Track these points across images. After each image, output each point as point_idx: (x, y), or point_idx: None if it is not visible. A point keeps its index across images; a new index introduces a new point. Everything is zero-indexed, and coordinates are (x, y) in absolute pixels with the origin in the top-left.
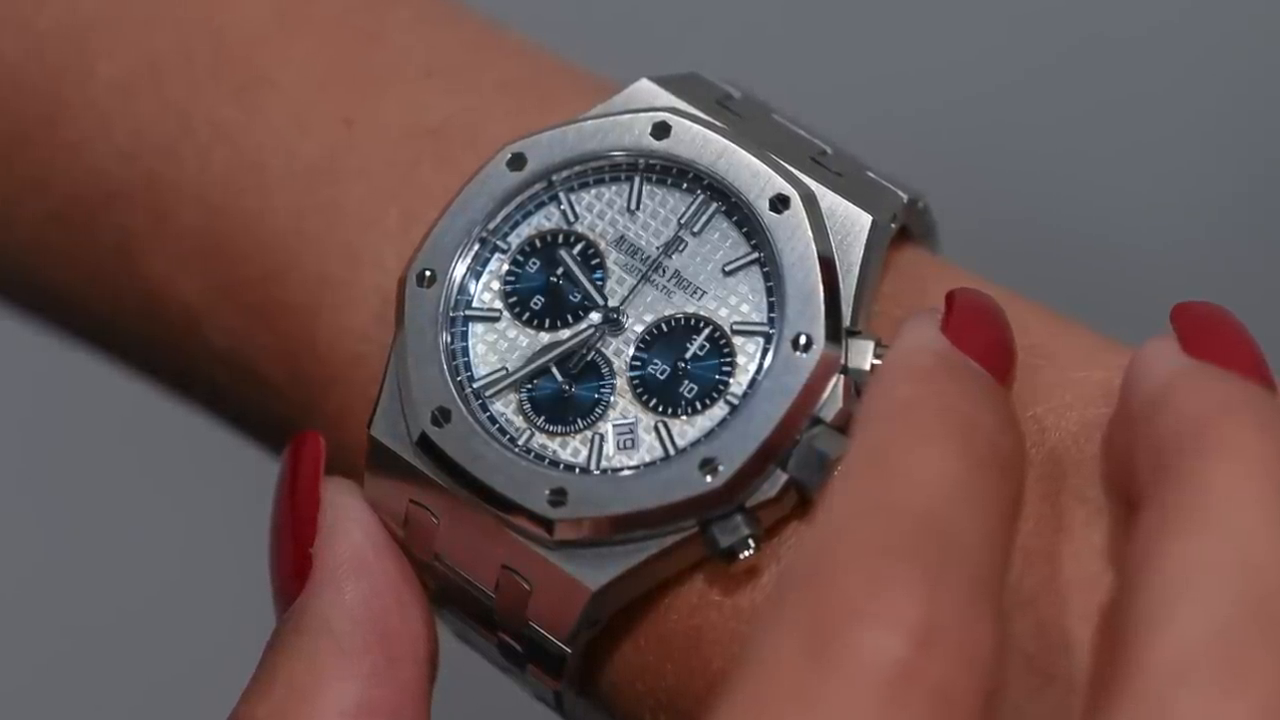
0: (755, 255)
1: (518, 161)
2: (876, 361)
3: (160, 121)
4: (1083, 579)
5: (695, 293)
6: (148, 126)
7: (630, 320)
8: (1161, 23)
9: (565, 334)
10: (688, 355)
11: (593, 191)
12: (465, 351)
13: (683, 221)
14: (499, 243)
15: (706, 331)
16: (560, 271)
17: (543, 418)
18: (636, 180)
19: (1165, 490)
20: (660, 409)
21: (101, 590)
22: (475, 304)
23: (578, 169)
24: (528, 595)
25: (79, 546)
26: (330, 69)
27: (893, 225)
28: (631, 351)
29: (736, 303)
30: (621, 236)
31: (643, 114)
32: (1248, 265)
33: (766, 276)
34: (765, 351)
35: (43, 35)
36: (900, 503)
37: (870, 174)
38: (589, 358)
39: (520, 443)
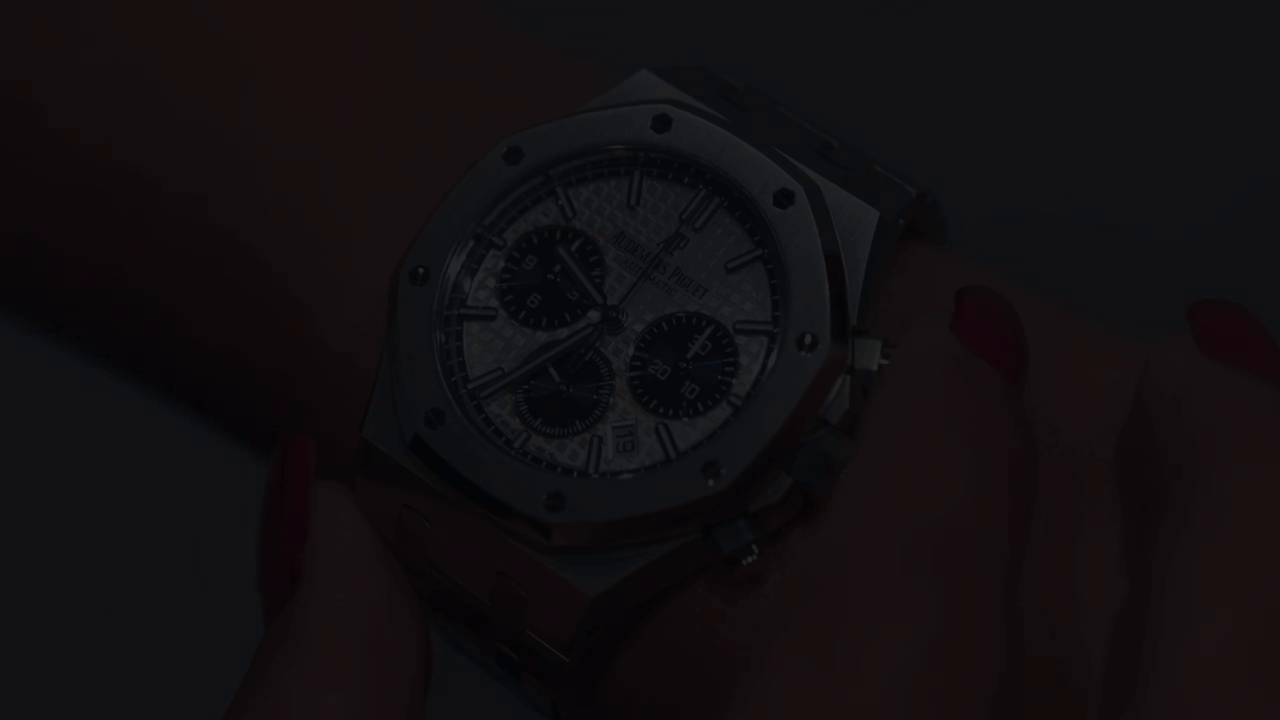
0: (759, 252)
1: (514, 155)
2: (884, 362)
3: (139, 115)
4: (1097, 585)
5: (697, 290)
6: (126, 120)
7: (630, 319)
8: (1176, 10)
9: (563, 333)
10: (689, 355)
11: (591, 186)
12: (460, 351)
13: (684, 217)
14: (495, 239)
15: (708, 331)
16: (558, 269)
17: (540, 419)
18: (636, 175)
19: (1185, 495)
20: (661, 410)
21: (86, 596)
22: (470, 302)
23: (576, 163)
24: (524, 602)
25: (64, 551)
26: (319, 59)
27: (901, 221)
28: (631, 351)
29: (739, 301)
30: (621, 233)
31: (643, 106)
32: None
33: (770, 274)
34: (769, 351)
35: (19, 24)
36: (909, 508)
37: (878, 168)
38: (587, 358)
39: (516, 445)
